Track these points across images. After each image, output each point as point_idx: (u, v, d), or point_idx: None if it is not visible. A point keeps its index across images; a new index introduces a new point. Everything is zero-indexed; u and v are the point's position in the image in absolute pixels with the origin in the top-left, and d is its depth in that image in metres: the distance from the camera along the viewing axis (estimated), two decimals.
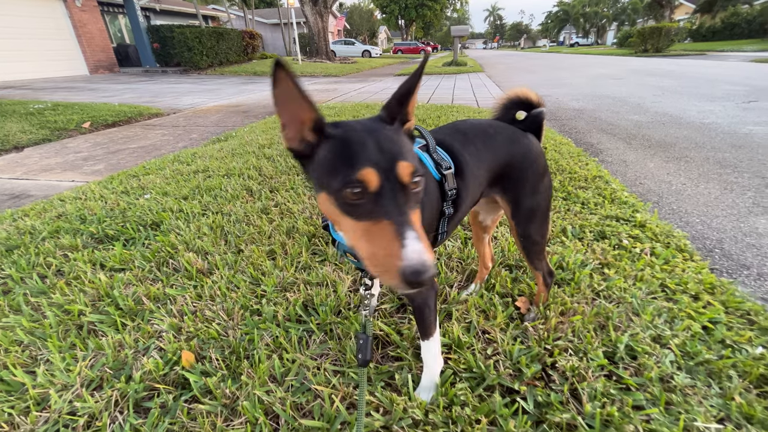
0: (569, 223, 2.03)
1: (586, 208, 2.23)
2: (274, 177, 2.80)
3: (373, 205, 0.58)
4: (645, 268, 1.63)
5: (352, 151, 0.60)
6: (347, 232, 0.60)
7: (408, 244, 0.55)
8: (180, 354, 1.21)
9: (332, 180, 0.59)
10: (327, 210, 0.63)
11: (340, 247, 0.87)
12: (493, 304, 1.41)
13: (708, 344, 1.23)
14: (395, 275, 0.53)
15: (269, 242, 1.91)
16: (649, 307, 1.38)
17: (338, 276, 1.62)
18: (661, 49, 22.28)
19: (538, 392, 1.07)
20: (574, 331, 1.28)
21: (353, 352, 1.22)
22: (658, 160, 3.48)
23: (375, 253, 0.56)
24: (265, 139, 3.93)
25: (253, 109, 6.75)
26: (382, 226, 0.57)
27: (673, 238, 1.89)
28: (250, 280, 1.61)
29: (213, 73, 14.53)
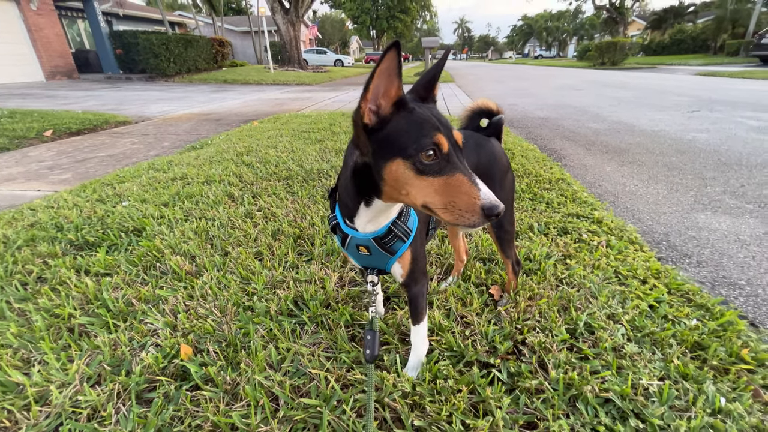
0: (536, 221, 2.24)
1: (551, 207, 2.46)
2: (255, 183, 2.85)
3: (447, 163, 0.70)
4: (602, 258, 1.83)
5: (424, 122, 0.71)
6: (422, 189, 0.69)
7: (481, 188, 0.69)
8: (178, 348, 1.26)
9: (410, 145, 0.68)
10: (398, 176, 0.69)
11: (351, 247, 0.96)
12: (469, 293, 1.56)
13: (653, 319, 1.43)
14: (477, 212, 0.66)
15: (255, 244, 1.97)
16: (605, 290, 1.58)
17: (325, 273, 1.72)
18: (616, 62, 24.02)
19: (511, 364, 1.21)
20: (540, 312, 1.45)
21: (345, 340, 1.32)
22: (614, 164, 3.83)
23: (455, 200, 0.68)
24: (242, 146, 3.96)
25: (225, 117, 6.70)
26: (457, 178, 0.69)
27: (626, 232, 2.14)
28: (240, 279, 1.67)
29: (181, 81, 14.19)
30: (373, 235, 0.92)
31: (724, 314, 1.44)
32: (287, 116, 6.09)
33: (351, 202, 0.87)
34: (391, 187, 0.73)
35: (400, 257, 0.97)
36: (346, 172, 0.83)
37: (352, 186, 0.83)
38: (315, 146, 3.92)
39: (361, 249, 0.96)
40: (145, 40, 13.61)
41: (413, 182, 0.70)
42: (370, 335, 1.02)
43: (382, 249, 0.95)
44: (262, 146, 3.94)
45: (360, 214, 0.88)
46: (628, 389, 1.11)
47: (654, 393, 1.12)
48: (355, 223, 0.92)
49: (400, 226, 0.94)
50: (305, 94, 10.65)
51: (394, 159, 0.70)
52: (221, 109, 7.64)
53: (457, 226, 0.71)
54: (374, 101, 0.71)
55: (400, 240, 0.95)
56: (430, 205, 0.71)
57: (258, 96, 10.20)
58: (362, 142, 0.75)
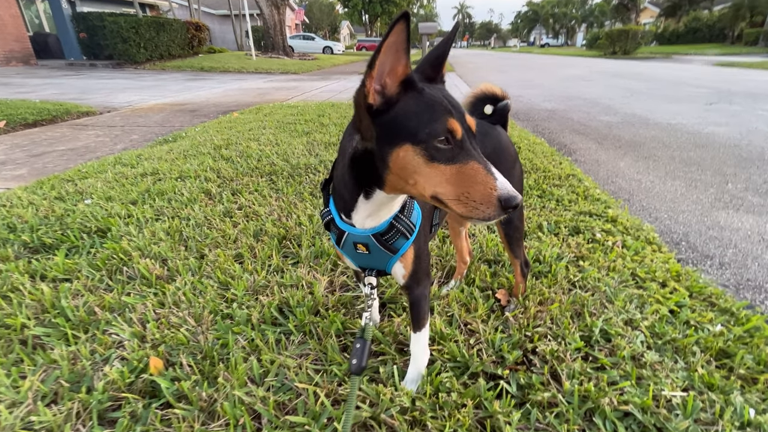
0: (545, 219, 2.24)
1: (561, 204, 2.47)
2: (234, 179, 2.83)
3: (460, 149, 0.70)
4: (617, 260, 1.85)
5: (436, 104, 0.70)
6: (432, 179, 0.69)
7: (498, 177, 0.68)
8: (147, 361, 1.23)
9: (420, 130, 0.68)
10: (406, 163, 0.68)
11: (347, 245, 0.95)
12: (473, 298, 1.55)
13: (674, 325, 1.44)
14: (493, 203, 0.66)
15: (235, 246, 1.95)
16: (621, 294, 1.58)
17: (314, 277, 1.70)
18: (628, 52, 24.45)
19: (520, 376, 1.21)
20: (552, 318, 1.44)
21: (336, 350, 1.30)
22: (629, 160, 3.88)
23: (469, 190, 0.68)
24: (221, 139, 3.94)
25: (202, 107, 6.66)
26: (471, 166, 0.69)
27: (642, 231, 2.15)
28: (217, 285, 1.65)
29: (152, 68, 14.07)
30: (373, 231, 0.92)
31: (750, 319, 1.45)
32: (271, 107, 6.07)
33: (349, 194, 0.86)
34: (397, 177, 0.73)
35: (402, 256, 0.97)
36: (344, 159, 0.82)
37: (350, 176, 0.82)
38: (302, 139, 3.91)
39: (359, 247, 0.95)
40: (112, 23, 13.47)
41: (423, 171, 0.69)
42: (360, 344, 1.00)
43: (382, 247, 0.94)
44: (243, 139, 3.93)
45: (359, 207, 0.87)
46: (649, 401, 1.11)
47: (677, 405, 1.12)
48: (352, 219, 0.91)
49: (402, 221, 0.93)
50: (291, 84, 10.62)
51: (401, 145, 0.69)
52: (197, 99, 7.59)
53: (471, 219, 0.70)
54: (379, 80, 0.70)
55: (403, 236, 0.94)
56: (441, 196, 0.70)
57: (238, 85, 10.15)
58: (365, 125, 0.73)
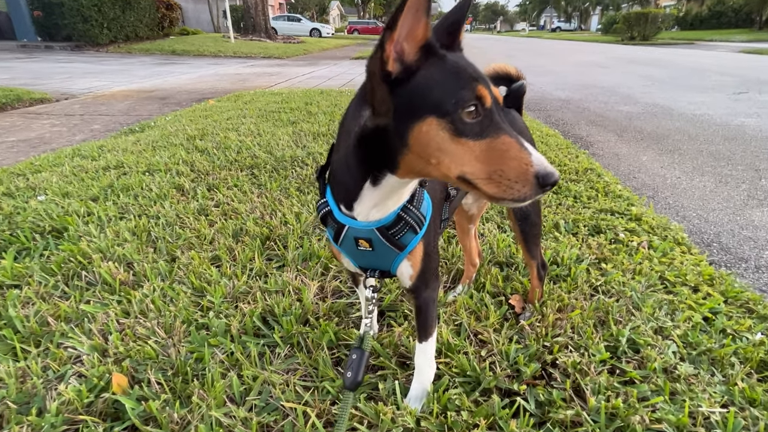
0: (562, 218, 2.24)
1: (579, 201, 2.48)
2: (211, 173, 2.81)
3: (490, 121, 0.69)
4: (643, 262, 1.84)
5: (461, 70, 0.69)
6: (459, 156, 0.67)
7: (532, 152, 0.67)
8: (109, 378, 1.20)
9: (446, 100, 0.66)
10: (430, 139, 0.67)
11: (347, 241, 0.93)
12: (484, 304, 1.54)
13: (709, 334, 1.43)
14: (530, 181, 0.65)
15: (212, 247, 1.93)
16: (650, 300, 1.58)
17: (302, 282, 1.68)
18: (648, 37, 24.78)
19: (539, 391, 1.19)
20: (573, 327, 1.43)
21: (328, 364, 1.27)
22: (652, 153, 3.90)
23: (502, 168, 0.66)
24: (195, 129, 3.91)
25: (173, 95, 6.64)
26: (504, 140, 0.68)
27: (670, 230, 2.16)
28: (191, 291, 1.62)
29: (117, 51, 13.97)
30: (379, 224, 0.90)
31: None
32: (252, 94, 6.06)
33: (352, 180, 0.84)
34: (417, 156, 0.71)
35: (409, 253, 0.95)
36: (348, 140, 0.80)
37: (356, 158, 0.80)
38: (287, 129, 3.90)
39: (362, 243, 0.93)
40: (71, 1, 13.33)
41: (448, 147, 0.68)
42: (357, 355, 0.98)
43: (388, 242, 0.92)
44: (221, 129, 3.91)
45: (363, 196, 0.85)
46: (685, 419, 1.09)
47: (717, 423, 1.11)
48: (354, 210, 0.88)
49: (412, 213, 0.91)
50: (274, 69, 10.62)
51: (424, 118, 0.68)
52: (168, 86, 7.56)
53: (503, 201, 0.68)
54: (398, 44, 0.68)
55: (412, 230, 0.92)
56: (468, 176, 0.68)
57: (215, 70, 10.12)
58: (379, 98, 0.71)
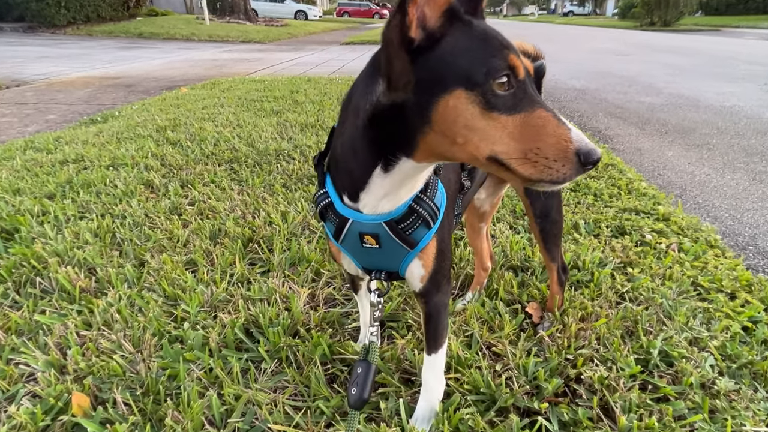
0: (581, 217, 2.25)
1: (600, 200, 2.49)
2: (184, 167, 2.80)
3: (524, 94, 0.69)
4: (673, 266, 1.85)
5: (490, 38, 0.69)
6: (490, 133, 0.67)
7: (571, 128, 0.67)
8: (69, 398, 1.17)
9: (477, 69, 0.66)
10: (458, 115, 0.67)
11: (350, 238, 0.92)
12: (498, 313, 1.53)
13: (750, 345, 1.43)
14: (570, 159, 0.65)
15: (186, 250, 1.91)
16: (682, 307, 1.58)
17: (290, 289, 1.66)
18: (669, 23, 25.17)
19: (563, 410, 1.18)
20: (598, 338, 1.42)
21: (321, 381, 1.25)
22: (678, 148, 3.94)
23: (539, 145, 0.66)
24: (165, 119, 3.90)
25: (140, 82, 6.63)
26: (539, 114, 0.68)
27: (701, 232, 2.16)
28: (163, 299, 1.60)
29: (76, 33, 13.90)
30: (388, 217, 0.88)
31: None
32: (230, 81, 6.08)
33: (360, 166, 0.82)
34: (441, 135, 0.70)
35: (421, 250, 0.94)
36: (356, 120, 0.79)
37: (365, 141, 0.79)
38: (270, 119, 3.90)
39: (367, 239, 0.91)
40: None
41: (478, 124, 0.67)
42: (362, 368, 0.97)
43: (397, 238, 0.90)
44: (195, 119, 3.90)
45: (372, 184, 0.83)
46: None
47: None
48: (360, 201, 0.87)
49: (425, 204, 0.90)
50: (254, 55, 10.63)
51: (451, 90, 0.67)
52: (134, 72, 7.54)
53: (540, 183, 0.68)
54: (419, 8, 0.67)
55: (424, 224, 0.91)
56: (501, 155, 0.68)
57: (187, 56, 10.11)
58: (398, 69, 0.70)
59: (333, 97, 4.88)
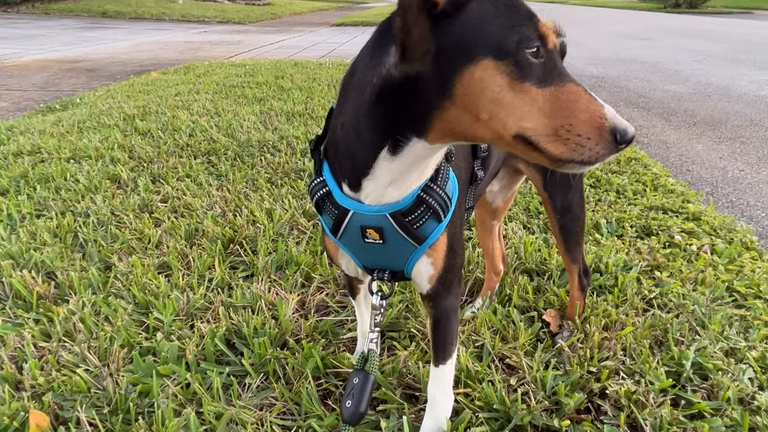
0: (603, 216, 2.27)
1: (623, 197, 2.51)
2: (156, 160, 2.81)
3: (553, 66, 0.70)
4: (706, 270, 1.86)
5: (518, 4, 0.71)
6: (518, 108, 0.68)
7: (603, 104, 0.69)
8: (25, 417, 1.16)
9: (507, 37, 0.67)
10: (484, 87, 0.68)
11: (350, 232, 0.92)
12: (511, 322, 1.53)
13: None
14: (605, 137, 0.67)
15: (159, 252, 1.91)
16: (717, 315, 1.59)
17: (277, 295, 1.66)
18: (696, 5, 25.46)
19: (586, 428, 1.18)
20: (624, 348, 1.43)
21: (314, 398, 1.25)
22: (707, 141, 3.98)
23: (571, 121, 0.67)
24: (134, 107, 3.90)
25: (104, 66, 6.63)
26: (570, 88, 0.69)
27: (736, 233, 2.18)
28: (133, 306, 1.60)
29: (31, 12, 13.84)
30: (394, 208, 0.88)
31: None
32: (206, 66, 6.11)
33: (364, 149, 0.82)
34: (463, 111, 0.70)
35: (431, 246, 0.94)
36: (361, 96, 0.78)
37: (371, 120, 0.79)
38: (253, 108, 3.92)
39: (369, 234, 0.91)
40: None
41: (506, 97, 0.67)
42: (359, 378, 0.97)
43: (404, 233, 0.90)
44: (167, 107, 3.91)
45: (378, 169, 0.83)
46: None
47: None
48: (363, 189, 0.87)
49: (435, 194, 0.90)
50: (234, 37, 10.66)
51: (478, 60, 0.67)
52: (97, 55, 7.55)
53: (570, 165, 0.68)
54: None
55: (434, 217, 0.91)
56: (529, 133, 0.68)
57: (158, 37, 10.11)
58: (416, 37, 0.70)
59: (323, 83, 4.89)
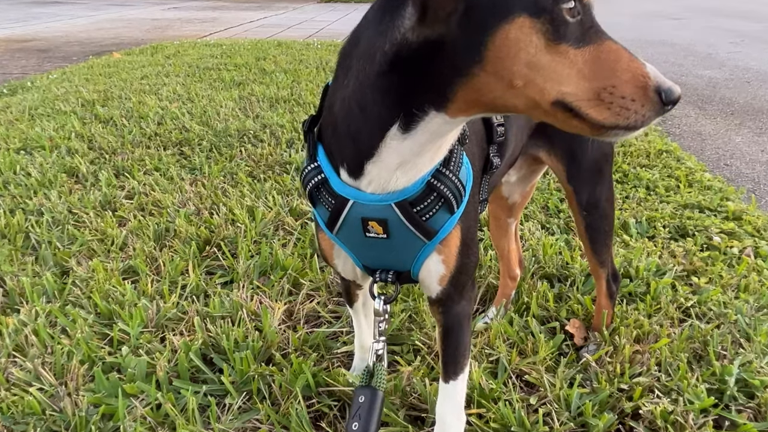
0: (632, 215, 2.28)
1: (654, 194, 2.53)
2: (119, 151, 2.81)
3: (590, 23, 0.72)
4: (749, 275, 1.87)
5: None
6: (556, 71, 0.69)
7: (645, 62, 0.70)
8: None
9: None
10: (519, 48, 0.69)
11: (349, 226, 0.92)
12: (530, 333, 1.54)
13: None
14: (650, 98, 0.68)
15: (124, 255, 1.91)
16: (763, 326, 1.60)
17: (260, 303, 1.66)
18: None
19: None
20: (659, 363, 1.44)
21: (305, 420, 1.25)
22: (747, 133, 4.00)
23: (614, 83, 0.68)
24: (94, 91, 3.92)
25: (59, 46, 6.64)
26: (609, 47, 0.71)
27: None
28: (94, 317, 1.60)
29: None
30: (400, 196, 0.88)
31: None
32: (177, 46, 6.14)
33: (370, 127, 0.81)
34: (495, 76, 0.71)
35: (442, 242, 0.94)
36: (369, 67, 0.78)
37: (379, 92, 0.78)
38: (231, 92, 3.95)
39: (372, 227, 0.91)
40: None
41: (542, 59, 0.68)
42: (366, 396, 0.97)
43: (411, 225, 0.90)
44: (132, 91, 3.93)
45: (385, 150, 0.82)
46: None
47: None
48: (366, 174, 0.86)
49: (447, 180, 0.89)
50: (207, 14, 10.68)
51: (512, 18, 0.67)
52: (50, 33, 7.56)
53: (614, 132, 0.69)
54: None
55: (446, 207, 0.91)
56: (569, 98, 0.69)
57: (120, 14, 10.11)
58: None
59: (311, 66, 4.91)
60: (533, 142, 1.32)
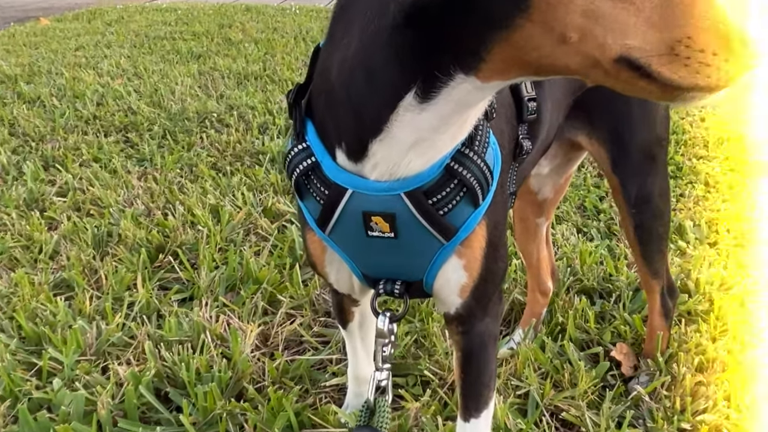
0: (687, 216, 2.29)
1: (715, 191, 2.53)
2: (49, 138, 2.83)
3: None
4: None
5: None
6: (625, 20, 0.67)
7: (725, 7, 0.68)
8: None
9: None
10: None
11: (348, 222, 0.91)
12: (567, 360, 1.53)
13: None
14: (735, 49, 0.66)
15: (56, 265, 1.91)
16: None
17: (228, 325, 1.66)
18: None
19: None
20: (728, 398, 1.43)
21: None
22: None
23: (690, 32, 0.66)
24: (16, 65, 3.95)
25: None
26: None
27: None
28: (17, 342, 1.59)
29: None
30: (411, 185, 0.86)
31: None
32: (119, 10, 6.19)
33: (377, 97, 0.81)
34: (543, 28, 0.69)
35: (463, 242, 0.93)
36: (379, 22, 0.76)
37: (391, 53, 0.77)
38: (188, 67, 3.98)
39: (376, 223, 0.90)
40: None
41: (603, 5, 0.66)
42: None
43: (426, 221, 0.89)
44: (65, 65, 3.95)
45: (396, 126, 0.81)
46: None
47: None
48: (368, 159, 0.85)
49: (471, 163, 0.88)
50: None
51: None
52: None
53: (692, 93, 0.67)
54: None
55: (469, 198, 0.90)
56: (636, 53, 0.67)
57: None
58: None
59: (288, 35, 4.94)
60: (570, 123, 1.32)
